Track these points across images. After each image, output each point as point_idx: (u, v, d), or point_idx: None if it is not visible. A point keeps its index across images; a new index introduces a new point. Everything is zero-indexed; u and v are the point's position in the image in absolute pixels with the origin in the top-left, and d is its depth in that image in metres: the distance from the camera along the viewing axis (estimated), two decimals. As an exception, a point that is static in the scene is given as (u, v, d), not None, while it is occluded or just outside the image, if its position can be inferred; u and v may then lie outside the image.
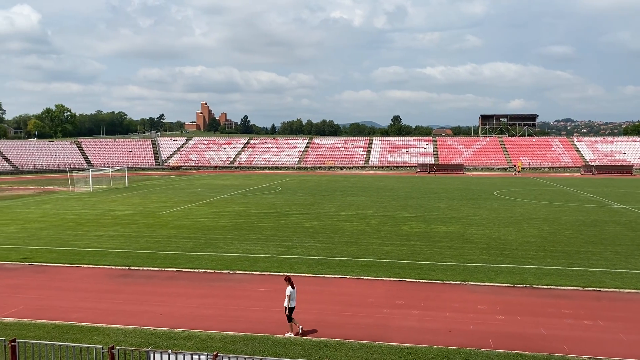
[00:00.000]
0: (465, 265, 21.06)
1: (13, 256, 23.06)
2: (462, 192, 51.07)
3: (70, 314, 15.47)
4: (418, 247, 24.60)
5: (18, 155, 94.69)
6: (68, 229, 30.11)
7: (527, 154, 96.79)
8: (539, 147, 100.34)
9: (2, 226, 31.17)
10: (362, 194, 49.24)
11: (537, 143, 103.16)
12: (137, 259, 22.32)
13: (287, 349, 12.87)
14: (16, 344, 11.04)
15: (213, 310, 15.94)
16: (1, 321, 14.93)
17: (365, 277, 19.40)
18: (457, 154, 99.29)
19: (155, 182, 67.52)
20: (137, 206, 40.63)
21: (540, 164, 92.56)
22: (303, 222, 32.14)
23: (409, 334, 13.94)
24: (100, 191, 53.81)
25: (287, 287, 14.18)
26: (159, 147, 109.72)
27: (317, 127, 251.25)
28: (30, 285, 18.78)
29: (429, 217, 33.95)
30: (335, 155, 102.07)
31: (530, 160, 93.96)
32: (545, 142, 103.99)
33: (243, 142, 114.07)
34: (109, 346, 10.80)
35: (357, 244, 25.20)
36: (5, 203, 43.76)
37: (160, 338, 13.59)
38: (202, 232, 28.75)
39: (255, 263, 21.52)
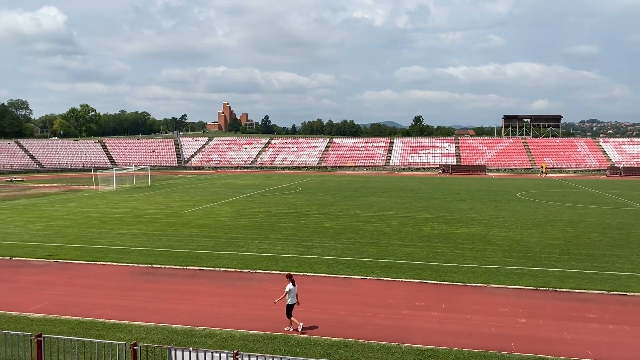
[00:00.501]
0: (487, 268, 20.83)
1: (39, 253, 23.54)
2: (484, 194, 50.55)
3: (93, 311, 15.73)
4: (439, 248, 24.42)
5: (44, 154, 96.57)
6: (92, 226, 30.62)
7: (552, 155, 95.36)
8: (563, 149, 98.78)
9: (29, 223, 31.83)
10: (382, 195, 49.07)
11: (562, 144, 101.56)
12: (159, 257, 22.59)
13: (306, 348, 12.90)
14: (42, 339, 11.27)
15: (233, 308, 16.05)
16: (27, 316, 15.25)
17: (385, 278, 19.33)
18: (480, 155, 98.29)
19: (177, 181, 68.23)
20: (159, 205, 41.11)
21: (564, 166, 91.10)
22: (323, 222, 32.16)
23: (430, 335, 13.85)
24: (123, 190, 54.59)
25: (287, 283, 14.39)
26: (181, 146, 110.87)
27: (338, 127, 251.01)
28: (56, 281, 19.14)
29: (451, 219, 33.68)
30: (355, 156, 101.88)
31: (555, 161, 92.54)
32: (570, 143, 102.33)
33: (264, 142, 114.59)
34: (132, 343, 10.96)
35: (377, 245, 25.12)
36: (31, 201, 44.68)
37: (181, 335, 13.74)
38: (223, 231, 28.97)
39: (275, 262, 21.61)
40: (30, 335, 11.58)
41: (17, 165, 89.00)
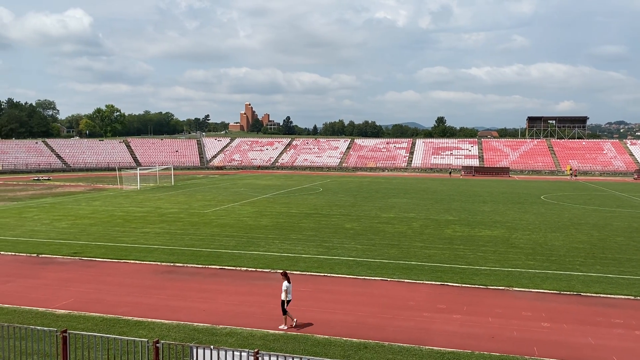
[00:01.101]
0: (509, 271, 20.58)
1: (65, 251, 24.00)
2: (507, 196, 49.94)
3: (117, 308, 15.98)
4: (461, 251, 24.21)
5: (70, 154, 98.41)
6: (116, 225, 31.10)
7: (577, 158, 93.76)
8: (589, 151, 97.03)
9: (55, 222, 32.47)
10: (404, 196, 48.84)
11: (588, 146, 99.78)
12: (181, 256, 22.84)
13: (326, 348, 12.91)
14: (67, 334, 11.49)
15: (254, 308, 16.14)
16: (53, 312, 15.57)
17: (406, 280, 19.23)
18: (503, 157, 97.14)
19: (199, 181, 68.89)
20: (182, 204, 41.57)
21: (590, 168, 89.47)
22: (344, 223, 32.14)
23: (451, 338, 13.74)
24: (147, 189, 55.33)
25: (283, 281, 14.74)
26: (203, 147, 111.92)
27: (359, 128, 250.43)
28: (80, 279, 19.49)
29: (473, 221, 33.35)
30: (377, 157, 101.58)
31: (580, 163, 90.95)
32: (596, 145, 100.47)
33: (285, 142, 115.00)
34: (154, 340, 11.10)
35: (398, 247, 25.01)
36: (57, 199, 45.58)
37: (202, 334, 13.87)
38: (245, 230, 29.15)
39: (295, 263, 21.67)
40: (56, 331, 11.82)
41: (44, 165, 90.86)
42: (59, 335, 11.50)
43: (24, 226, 30.72)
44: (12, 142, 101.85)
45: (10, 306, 16.09)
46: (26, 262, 22.05)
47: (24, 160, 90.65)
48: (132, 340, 11.67)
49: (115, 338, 12.01)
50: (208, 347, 10.61)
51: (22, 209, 38.95)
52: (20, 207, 39.77)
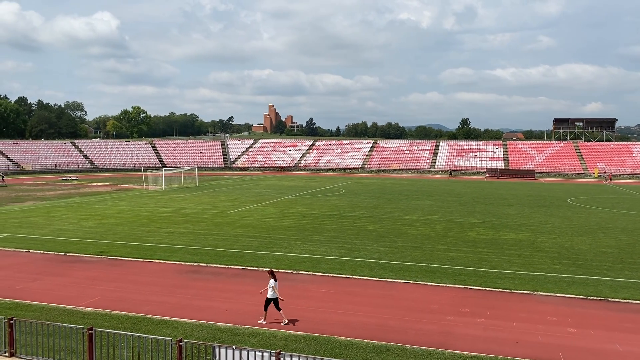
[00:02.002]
0: (534, 275, 20.28)
1: (91, 249, 24.45)
2: (533, 199, 49.19)
3: (142, 307, 16.22)
4: (485, 254, 23.93)
5: (97, 154, 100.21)
6: (142, 225, 31.56)
7: (605, 160, 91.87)
8: (617, 153, 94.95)
9: (82, 221, 33.10)
10: (427, 198, 48.49)
11: (616, 148, 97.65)
12: (205, 256, 23.06)
13: (348, 350, 12.89)
14: (93, 332, 11.72)
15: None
16: (80, 310, 15.87)
17: (429, 283, 19.10)
18: (529, 159, 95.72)
19: (223, 182, 69.48)
20: (206, 205, 41.97)
21: (619, 171, 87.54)
22: (366, 225, 32.06)
23: (474, 342, 13.59)
24: (172, 190, 56.02)
25: (270, 279, 15.05)
26: (227, 148, 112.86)
27: (382, 130, 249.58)
28: (106, 277, 19.84)
29: (497, 224, 32.95)
30: (400, 158, 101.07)
31: (608, 166, 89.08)
32: (624, 148, 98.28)
33: (308, 144, 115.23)
34: (177, 339, 11.25)
35: (421, 249, 24.85)
36: (85, 199, 46.46)
37: (225, 333, 13.99)
38: (267, 231, 29.30)
39: (318, 264, 21.69)
40: (82, 328, 12.07)
41: (72, 165, 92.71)
42: (86, 333, 11.74)
43: (52, 225, 31.39)
44: (42, 143, 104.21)
45: (39, 303, 16.46)
46: (54, 261, 22.53)
47: (52, 161, 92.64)
48: (156, 338, 11.85)
49: (139, 336, 12.20)
50: (230, 347, 10.70)
51: (51, 208, 39.81)
52: (48, 207, 40.65)
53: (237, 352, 10.56)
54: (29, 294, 17.45)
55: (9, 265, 21.57)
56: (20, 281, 19.15)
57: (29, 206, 41.11)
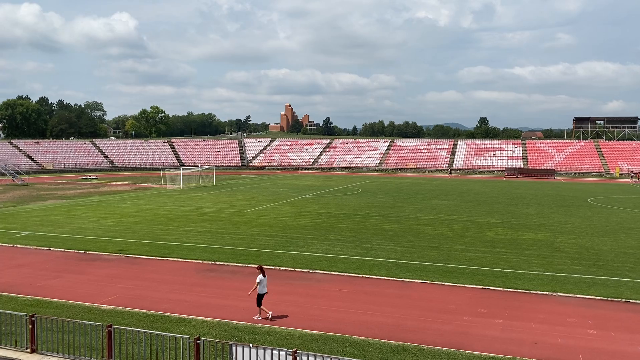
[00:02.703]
0: (554, 275, 20.03)
1: (110, 248, 24.75)
2: (552, 198, 48.58)
3: (160, 305, 16.37)
4: (503, 254, 23.70)
5: (116, 154, 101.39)
6: (160, 223, 31.86)
7: (627, 159, 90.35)
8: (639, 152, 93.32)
9: (101, 219, 33.53)
10: (444, 198, 48.17)
11: (638, 147, 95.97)
12: (222, 255, 23.20)
13: (364, 350, 12.87)
14: (112, 329, 11.87)
15: (293, 307, 16.24)
16: (99, 308, 16.08)
17: (446, 283, 18.97)
18: (548, 158, 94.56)
19: (240, 181, 69.82)
20: (223, 204, 42.22)
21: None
22: (383, 224, 31.96)
23: (491, 343, 13.47)
24: (190, 188, 56.46)
25: (258, 274, 15.36)
26: (244, 147, 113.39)
27: (399, 129, 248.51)
28: (125, 275, 20.06)
29: (516, 224, 32.60)
30: (417, 158, 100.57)
31: (630, 165, 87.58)
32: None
33: (324, 143, 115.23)
34: (195, 337, 11.34)
35: (438, 249, 24.70)
36: (104, 198, 47.05)
37: (242, 332, 14.06)
38: (284, 230, 29.37)
39: (334, 263, 21.68)
40: (102, 325, 12.23)
41: (92, 164, 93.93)
42: (105, 330, 11.89)
43: (72, 223, 31.85)
44: (62, 142, 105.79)
45: (59, 300, 16.72)
46: (74, 258, 22.85)
47: (73, 160, 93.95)
48: (174, 336, 11.96)
49: (157, 334, 12.33)
50: (247, 345, 10.75)
51: (71, 206, 40.39)
52: (69, 205, 41.25)
53: (254, 350, 10.61)
54: (50, 291, 17.73)
55: (31, 263, 21.94)
56: (42, 278, 19.47)
57: (50, 205, 41.77)
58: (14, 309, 14.72)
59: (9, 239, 26.83)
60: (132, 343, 12.47)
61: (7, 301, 16.56)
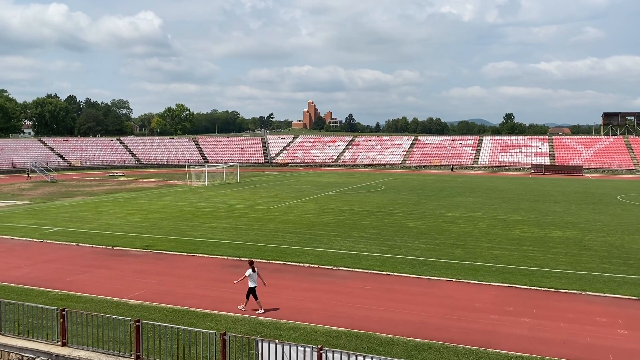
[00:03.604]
0: (582, 274, 19.65)
1: (137, 243, 25.13)
2: (580, 196, 47.66)
3: (186, 300, 16.57)
4: (530, 252, 23.35)
5: (142, 151, 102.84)
6: (185, 220, 32.22)
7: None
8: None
9: (129, 216, 34.06)
10: (470, 195, 47.66)
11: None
12: (246, 251, 23.36)
13: (389, 347, 12.82)
14: (140, 324, 12.05)
15: (317, 304, 16.27)
16: (127, 302, 16.35)
17: (472, 281, 18.78)
18: (576, 155, 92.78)
19: (264, 178, 70.18)
20: (247, 200, 42.50)
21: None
22: (407, 221, 31.78)
23: (519, 342, 13.29)
24: (214, 185, 56.97)
25: (248, 269, 15.83)
26: (268, 144, 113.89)
27: (423, 125, 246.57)
28: (152, 271, 20.35)
29: (543, 221, 32.08)
30: (441, 154, 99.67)
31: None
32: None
33: (347, 140, 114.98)
34: (221, 332, 11.44)
35: (463, 247, 24.45)
36: (131, 194, 47.78)
37: (267, 328, 14.14)
38: (307, 227, 29.43)
39: (358, 261, 21.64)
40: (130, 320, 12.42)
41: (118, 161, 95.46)
42: (133, 325, 12.08)
43: (100, 220, 32.43)
44: (90, 140, 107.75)
45: (88, 295, 17.05)
46: (102, 254, 23.27)
47: (100, 157, 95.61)
48: (201, 331, 12.08)
49: (184, 329, 12.46)
50: (273, 342, 10.81)
51: (99, 203, 41.12)
52: (97, 202, 42.01)
53: (280, 346, 10.66)
54: (79, 286, 18.09)
55: (60, 258, 22.42)
56: (71, 273, 19.88)
57: (78, 201, 42.59)
58: (44, 303, 15.05)
59: (39, 234, 27.45)
60: (159, 338, 12.64)
61: (38, 295, 16.95)
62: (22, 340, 13.12)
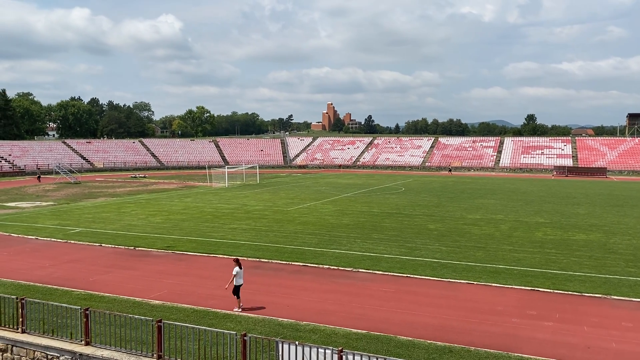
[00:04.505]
0: (607, 278, 19.29)
1: (159, 244, 25.39)
2: (604, 198, 46.81)
3: (207, 300, 16.68)
4: (553, 255, 23.01)
5: (164, 153, 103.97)
6: (206, 221, 32.47)
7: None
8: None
9: (150, 217, 34.44)
10: (491, 197, 47.16)
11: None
12: (266, 252, 23.44)
13: (410, 350, 12.74)
14: (162, 324, 12.17)
15: (336, 306, 16.24)
16: (148, 303, 16.52)
17: (493, 284, 18.57)
18: (600, 156, 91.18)
19: (283, 179, 70.37)
20: (267, 202, 42.66)
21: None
22: (427, 223, 31.56)
23: (542, 346, 13.10)
24: (234, 187, 57.32)
25: (234, 267, 16.05)
26: (287, 146, 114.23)
27: (444, 127, 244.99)
28: (173, 271, 20.54)
29: (566, 224, 31.59)
30: (462, 156, 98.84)
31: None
32: None
33: (367, 141, 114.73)
34: (242, 333, 11.49)
35: (485, 249, 24.20)
36: (153, 196, 48.32)
37: (287, 329, 14.16)
38: (327, 229, 29.41)
39: (378, 262, 21.56)
40: (152, 320, 12.55)
41: (140, 163, 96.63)
42: (155, 325, 12.20)
43: (122, 220, 32.85)
44: (112, 142, 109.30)
45: (110, 295, 17.27)
46: (124, 254, 23.57)
47: (122, 159, 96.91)
48: (222, 332, 12.15)
49: (205, 329, 12.55)
50: (293, 343, 10.82)
51: (121, 204, 41.67)
52: (119, 203, 42.57)
53: (300, 348, 10.66)
54: (102, 286, 18.35)
55: (84, 258, 22.76)
56: (94, 273, 20.17)
57: (101, 202, 43.22)
58: (68, 303, 15.29)
59: (63, 235, 27.92)
60: (181, 338, 12.74)
61: (62, 295, 17.23)
62: (47, 339, 13.34)
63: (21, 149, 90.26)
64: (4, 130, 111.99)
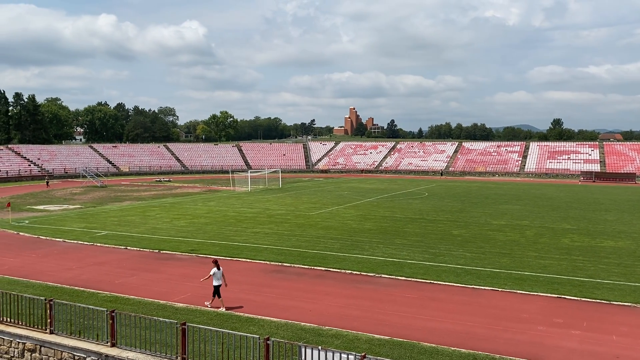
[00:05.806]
0: (636, 286, 18.85)
1: (183, 247, 25.65)
2: (634, 204, 45.76)
3: (230, 304, 16.77)
4: (580, 262, 22.57)
5: (188, 157, 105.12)
6: (229, 225, 32.69)
7: None
8: None
9: (174, 220, 34.83)
10: (516, 202, 46.50)
11: None
12: (289, 256, 23.49)
13: (434, 357, 12.62)
14: (186, 327, 12.28)
15: (359, 311, 16.19)
16: (172, 305, 16.69)
17: (519, 291, 18.29)
18: (629, 162, 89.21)
19: (305, 184, 70.49)
20: (289, 206, 42.77)
21: None
22: (451, 229, 31.26)
23: (568, 355, 12.85)
24: (257, 191, 57.62)
25: (212, 267, 16.68)
26: (309, 150, 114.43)
27: (467, 131, 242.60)
28: (197, 274, 20.68)
29: (594, 230, 30.96)
30: (486, 161, 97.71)
31: None
32: None
33: (389, 146, 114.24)
34: (265, 337, 11.52)
35: (510, 256, 23.86)
36: (177, 200, 48.87)
37: (309, 334, 14.15)
38: (349, 234, 29.35)
39: (400, 268, 21.42)
40: (176, 323, 12.68)
41: (165, 167, 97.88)
42: (179, 328, 12.32)
43: (147, 224, 33.29)
44: (138, 146, 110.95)
45: (135, 297, 17.50)
46: (149, 257, 23.87)
47: (147, 163, 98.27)
48: (245, 336, 12.21)
49: (229, 333, 12.63)
50: (316, 348, 10.81)
51: (146, 207, 42.23)
52: (144, 206, 43.16)
53: (323, 353, 10.65)
54: (127, 289, 18.60)
55: (109, 261, 23.12)
56: (119, 276, 20.47)
57: (127, 206, 43.86)
58: (94, 304, 15.54)
59: (89, 237, 28.41)
60: (204, 341, 12.84)
61: (89, 296, 17.53)
62: (74, 340, 13.58)
63: (49, 153, 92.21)
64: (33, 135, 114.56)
